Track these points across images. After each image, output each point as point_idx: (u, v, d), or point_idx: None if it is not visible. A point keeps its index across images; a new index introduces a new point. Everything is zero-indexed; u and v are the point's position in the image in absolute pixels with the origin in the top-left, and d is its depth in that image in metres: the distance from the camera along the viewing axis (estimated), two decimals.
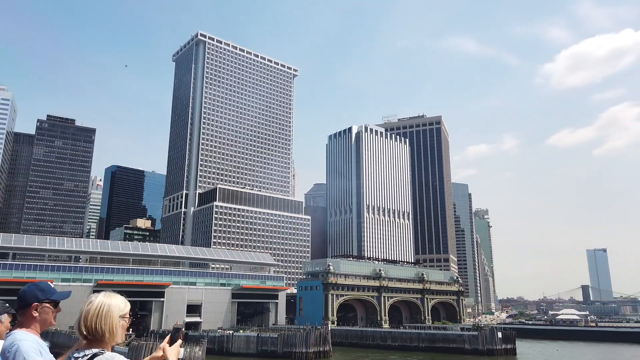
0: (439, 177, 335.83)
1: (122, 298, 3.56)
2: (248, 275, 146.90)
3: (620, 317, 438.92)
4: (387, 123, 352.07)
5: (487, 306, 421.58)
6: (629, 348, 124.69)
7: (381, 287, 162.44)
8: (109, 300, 3.44)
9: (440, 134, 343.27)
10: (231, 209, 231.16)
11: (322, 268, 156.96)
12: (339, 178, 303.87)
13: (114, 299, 3.49)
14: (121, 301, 3.53)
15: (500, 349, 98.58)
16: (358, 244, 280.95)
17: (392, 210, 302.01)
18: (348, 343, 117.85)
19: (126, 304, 3.55)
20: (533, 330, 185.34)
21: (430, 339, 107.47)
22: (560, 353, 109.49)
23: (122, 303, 3.53)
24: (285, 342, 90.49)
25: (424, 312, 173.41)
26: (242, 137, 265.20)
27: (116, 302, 3.48)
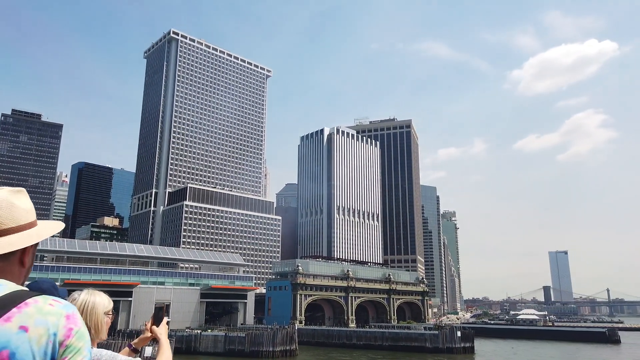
0: (408, 179, 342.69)
1: (105, 295, 3.63)
2: (217, 276, 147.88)
3: (578, 317, 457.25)
4: (358, 125, 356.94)
5: (452, 306, 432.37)
6: (581, 346, 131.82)
7: (349, 288, 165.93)
8: (92, 298, 3.48)
9: (410, 137, 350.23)
10: (201, 209, 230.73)
11: (291, 268, 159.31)
12: (310, 179, 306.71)
13: (98, 296, 3.55)
14: (105, 299, 3.59)
15: (459, 347, 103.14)
16: (328, 244, 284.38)
17: (362, 211, 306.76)
18: (315, 342, 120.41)
19: (110, 301, 3.61)
20: (495, 330, 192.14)
21: (394, 338, 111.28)
22: (515, 351, 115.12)
23: (106, 300, 3.59)
24: (252, 341, 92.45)
25: (389, 311, 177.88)
26: (214, 137, 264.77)
27: (100, 299, 3.53)
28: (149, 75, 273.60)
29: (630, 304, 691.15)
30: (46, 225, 2.65)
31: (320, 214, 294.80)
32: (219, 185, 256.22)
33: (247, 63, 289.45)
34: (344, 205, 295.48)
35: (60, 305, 2.21)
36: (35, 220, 2.59)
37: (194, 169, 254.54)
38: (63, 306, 2.21)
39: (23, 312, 2.09)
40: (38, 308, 2.14)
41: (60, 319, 2.15)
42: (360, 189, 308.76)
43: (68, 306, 2.24)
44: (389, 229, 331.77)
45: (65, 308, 2.21)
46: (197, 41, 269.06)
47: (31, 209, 2.59)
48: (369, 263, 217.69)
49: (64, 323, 2.16)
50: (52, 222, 2.69)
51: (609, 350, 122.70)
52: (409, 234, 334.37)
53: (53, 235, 3.13)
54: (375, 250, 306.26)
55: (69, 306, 2.24)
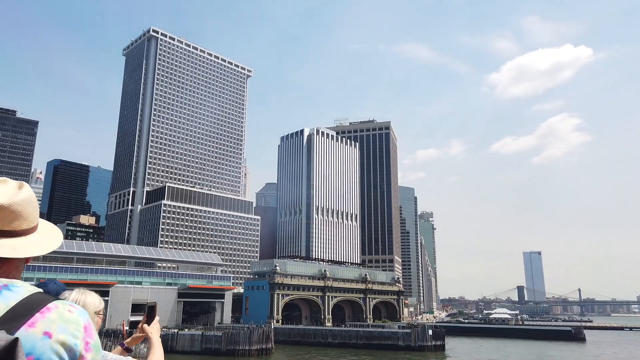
0: (387, 180, 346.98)
1: (96, 295, 3.59)
2: (195, 275, 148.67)
3: (550, 316, 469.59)
4: (338, 126, 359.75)
5: (429, 305, 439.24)
6: (548, 344, 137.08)
7: (326, 287, 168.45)
8: (83, 297, 3.45)
9: (389, 139, 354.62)
10: (180, 208, 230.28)
11: (269, 268, 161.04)
12: (289, 179, 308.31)
13: (89, 296, 3.51)
14: (96, 298, 3.56)
15: (430, 345, 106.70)
16: (307, 244, 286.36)
17: (341, 212, 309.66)
18: (291, 341, 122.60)
19: (101, 301, 3.59)
20: (468, 329, 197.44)
21: (368, 337, 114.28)
22: (485, 348, 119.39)
23: (97, 300, 3.56)
24: (229, 340, 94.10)
25: (365, 311, 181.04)
26: (193, 136, 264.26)
27: (91, 299, 3.51)
28: (128, 73, 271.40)
29: (600, 303, 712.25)
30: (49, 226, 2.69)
31: (299, 214, 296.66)
32: (198, 184, 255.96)
33: (227, 62, 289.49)
34: (322, 205, 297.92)
35: (77, 311, 2.24)
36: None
37: (173, 168, 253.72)
38: (79, 313, 2.24)
39: (47, 317, 2.11)
40: (59, 314, 2.17)
41: (79, 328, 2.18)
42: (339, 190, 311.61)
43: (84, 314, 2.26)
44: (367, 229, 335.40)
45: (82, 316, 2.24)
46: (177, 40, 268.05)
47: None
48: (347, 263, 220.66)
49: (83, 335, 2.19)
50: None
51: (574, 347, 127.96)
52: (386, 234, 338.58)
53: None
54: (354, 250, 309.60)
55: (84, 314, 2.27)
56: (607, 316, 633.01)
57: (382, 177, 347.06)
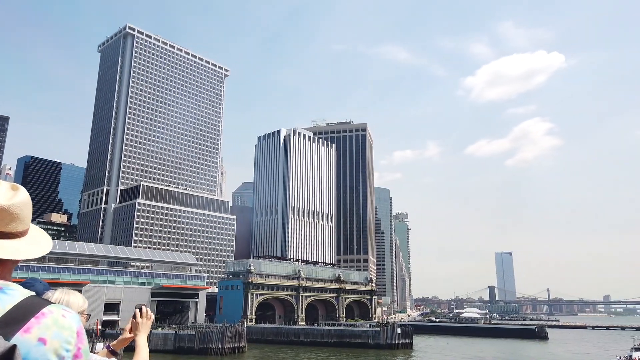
0: (363, 181, 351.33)
1: (80, 295, 3.52)
2: (169, 275, 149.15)
3: (520, 315, 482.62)
4: (316, 127, 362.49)
5: (402, 305, 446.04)
6: (512, 342, 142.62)
7: (300, 287, 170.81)
8: (67, 297, 3.38)
9: (365, 140, 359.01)
10: (154, 207, 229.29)
11: (244, 268, 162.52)
12: (266, 179, 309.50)
13: (72, 295, 3.44)
14: (79, 298, 3.48)
15: (398, 343, 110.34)
16: (282, 244, 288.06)
17: (317, 212, 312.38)
18: (264, 340, 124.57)
19: (85, 301, 3.52)
20: (439, 327, 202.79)
21: (339, 335, 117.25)
22: (451, 346, 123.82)
23: (81, 300, 3.49)
24: (202, 338, 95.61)
25: (338, 310, 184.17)
26: (169, 134, 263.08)
27: (75, 298, 3.43)
28: (103, 70, 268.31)
29: (568, 303, 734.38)
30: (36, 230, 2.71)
31: (275, 214, 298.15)
32: (174, 183, 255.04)
33: (204, 62, 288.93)
34: (299, 205, 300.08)
35: (70, 317, 2.26)
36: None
37: (148, 167, 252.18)
38: (72, 318, 2.26)
39: (42, 323, 2.13)
40: (54, 319, 2.19)
41: (72, 334, 2.21)
42: (316, 190, 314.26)
43: (76, 319, 2.29)
44: (343, 229, 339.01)
45: (75, 321, 2.26)
46: (154, 37, 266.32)
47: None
48: (321, 263, 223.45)
49: (76, 341, 2.22)
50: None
51: (536, 345, 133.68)
52: (361, 234, 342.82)
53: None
54: (329, 251, 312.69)
55: (76, 319, 2.29)
56: (574, 315, 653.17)
57: (358, 178, 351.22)
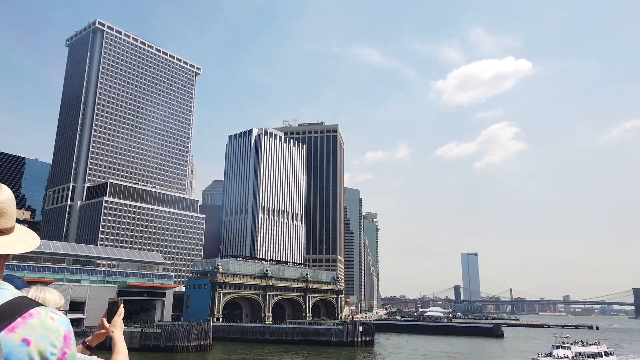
0: (333, 182, 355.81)
1: (56, 291, 3.45)
2: (135, 274, 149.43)
3: (483, 314, 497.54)
4: (287, 127, 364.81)
5: (370, 304, 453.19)
6: (470, 339, 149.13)
7: (267, 286, 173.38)
8: (42, 295, 3.30)
9: (336, 142, 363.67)
10: (122, 205, 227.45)
11: (212, 268, 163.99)
12: (236, 179, 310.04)
13: (48, 292, 3.37)
14: (56, 295, 3.43)
15: (360, 340, 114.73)
16: (251, 243, 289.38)
17: (287, 212, 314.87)
18: (230, 338, 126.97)
19: (61, 298, 3.45)
20: (404, 326, 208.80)
21: (303, 333, 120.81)
22: (410, 343, 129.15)
23: (57, 297, 3.43)
24: (168, 336, 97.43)
25: (305, 309, 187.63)
26: (138, 132, 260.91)
27: (51, 295, 3.37)
28: (71, 64, 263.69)
29: (529, 302, 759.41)
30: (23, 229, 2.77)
31: (245, 213, 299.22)
32: (142, 181, 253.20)
33: (176, 59, 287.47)
34: (269, 205, 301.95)
35: (59, 319, 2.24)
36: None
37: (116, 164, 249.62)
38: (61, 321, 2.24)
39: (28, 323, 2.12)
40: (41, 321, 2.18)
41: (59, 338, 2.19)
42: (286, 190, 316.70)
43: (65, 322, 2.28)
44: (312, 229, 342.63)
45: (63, 324, 2.25)
46: (124, 33, 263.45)
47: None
48: (289, 263, 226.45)
49: (62, 345, 2.20)
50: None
51: (491, 342, 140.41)
52: (331, 234, 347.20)
53: None
54: (298, 250, 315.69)
55: (65, 322, 2.29)
56: (535, 315, 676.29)
57: (329, 178, 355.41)
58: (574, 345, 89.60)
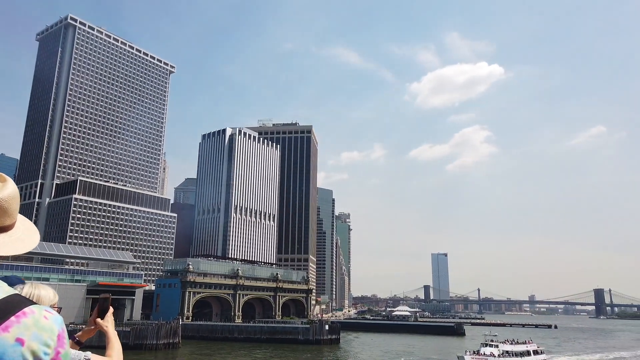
0: (306, 182, 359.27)
1: (50, 288, 3.43)
2: (105, 272, 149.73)
3: (451, 314, 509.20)
4: (262, 127, 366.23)
5: (341, 303, 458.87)
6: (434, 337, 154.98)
7: (237, 286, 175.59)
8: (37, 292, 3.31)
9: (310, 142, 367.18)
10: (92, 203, 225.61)
11: (182, 267, 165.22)
12: (209, 178, 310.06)
13: (43, 289, 3.37)
14: (50, 292, 3.40)
15: (326, 339, 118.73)
16: (223, 243, 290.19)
17: (260, 212, 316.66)
18: (199, 336, 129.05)
19: (55, 295, 3.44)
20: (372, 325, 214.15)
21: (271, 332, 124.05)
22: (374, 342, 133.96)
23: (52, 294, 3.41)
24: (137, 335, 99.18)
25: (275, 308, 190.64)
26: (110, 129, 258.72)
27: (45, 292, 3.36)
28: (41, 59, 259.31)
29: (496, 302, 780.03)
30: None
31: (217, 213, 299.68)
32: (113, 179, 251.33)
33: (149, 57, 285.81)
34: (241, 205, 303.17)
35: (53, 318, 2.23)
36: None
37: (86, 161, 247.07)
38: (55, 320, 2.23)
39: (22, 323, 2.10)
40: (35, 320, 2.16)
41: (52, 337, 2.18)
42: (259, 190, 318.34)
43: (58, 320, 2.27)
44: (285, 229, 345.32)
45: (57, 323, 2.24)
46: (96, 30, 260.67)
47: None
48: (260, 263, 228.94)
49: (55, 344, 2.19)
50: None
51: (452, 340, 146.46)
52: (303, 234, 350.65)
53: None
54: (270, 250, 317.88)
55: (59, 320, 2.27)
56: (501, 314, 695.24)
57: (302, 179, 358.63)
58: (502, 344, 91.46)
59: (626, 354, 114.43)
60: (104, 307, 3.78)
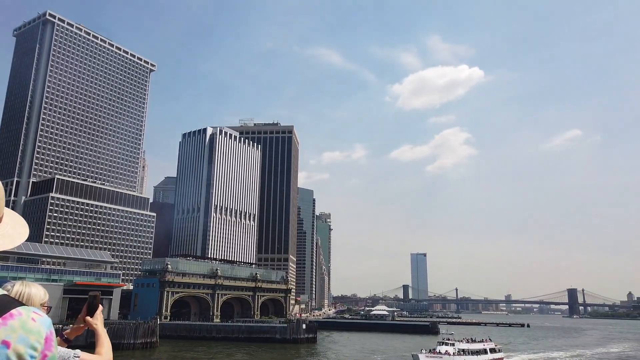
0: (287, 182, 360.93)
1: (40, 287, 3.45)
2: (82, 272, 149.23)
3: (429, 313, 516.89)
4: (243, 126, 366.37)
5: (320, 303, 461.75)
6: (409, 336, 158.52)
7: (216, 286, 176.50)
8: (28, 290, 3.32)
9: (291, 143, 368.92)
10: (69, 202, 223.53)
11: (161, 267, 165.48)
12: (189, 177, 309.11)
13: (34, 288, 3.38)
14: (41, 290, 3.42)
15: (303, 337, 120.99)
16: (203, 243, 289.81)
17: (240, 211, 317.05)
18: (177, 336, 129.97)
19: (45, 293, 3.45)
20: (351, 324, 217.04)
21: (249, 331, 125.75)
22: (350, 341, 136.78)
23: (42, 292, 3.42)
24: (114, 334, 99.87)
25: (254, 308, 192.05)
26: (88, 127, 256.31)
27: (36, 290, 3.38)
28: (18, 56, 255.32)
29: (474, 302, 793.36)
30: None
31: (197, 212, 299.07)
32: (91, 177, 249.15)
33: (130, 55, 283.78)
34: (221, 204, 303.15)
35: (40, 320, 2.20)
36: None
37: (64, 159, 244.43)
38: (43, 322, 2.20)
39: (8, 325, 2.06)
40: (22, 322, 2.13)
41: (40, 340, 2.14)
42: (239, 190, 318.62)
43: (46, 322, 2.24)
44: (265, 229, 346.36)
45: (45, 325, 2.21)
46: (76, 26, 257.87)
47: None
48: (239, 262, 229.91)
49: (42, 347, 2.14)
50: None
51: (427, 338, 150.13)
52: (283, 234, 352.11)
53: None
54: (250, 250, 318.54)
55: (47, 322, 2.25)
56: (478, 313, 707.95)
57: (283, 179, 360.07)
58: (458, 342, 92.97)
59: (588, 352, 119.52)
60: (93, 304, 3.88)
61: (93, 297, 3.82)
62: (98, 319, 3.73)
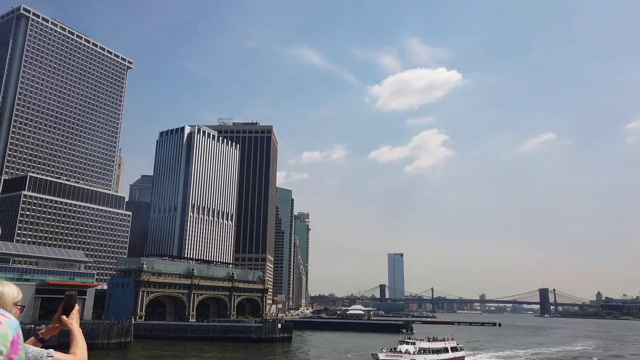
0: (265, 182, 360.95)
1: (13, 285, 3.45)
2: (55, 272, 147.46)
3: (405, 312, 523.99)
4: (222, 125, 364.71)
5: (297, 302, 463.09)
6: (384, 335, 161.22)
7: (192, 285, 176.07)
8: (1, 288, 3.33)
9: (270, 143, 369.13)
10: (42, 200, 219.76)
11: (136, 266, 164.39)
12: (166, 176, 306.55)
13: (6, 286, 3.37)
14: (14, 288, 3.42)
15: (278, 337, 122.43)
16: (179, 242, 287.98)
17: (217, 211, 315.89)
18: (152, 335, 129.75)
19: (19, 292, 3.48)
20: (327, 323, 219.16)
21: (224, 331, 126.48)
22: (324, 339, 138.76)
23: (15, 290, 3.43)
24: (88, 334, 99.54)
25: (230, 307, 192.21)
26: (63, 124, 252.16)
27: (9, 289, 3.37)
28: None
29: (449, 301, 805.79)
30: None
31: (174, 212, 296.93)
32: (65, 175, 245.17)
33: (106, 52, 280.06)
34: (199, 204, 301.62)
35: (7, 322, 2.20)
36: None
37: (37, 157, 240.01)
38: (10, 324, 2.20)
39: None
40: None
41: (5, 343, 2.14)
42: (217, 189, 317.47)
43: (13, 325, 2.24)
44: (243, 228, 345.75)
45: (12, 328, 2.20)
46: (51, 22, 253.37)
47: None
48: (216, 262, 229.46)
49: (8, 350, 2.16)
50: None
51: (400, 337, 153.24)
52: (261, 234, 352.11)
53: None
54: (227, 249, 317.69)
55: (14, 325, 2.25)
56: (453, 312, 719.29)
57: (261, 179, 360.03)
58: (419, 341, 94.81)
59: (552, 349, 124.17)
60: (69, 304, 3.95)
61: (69, 297, 3.93)
62: (74, 318, 3.87)
